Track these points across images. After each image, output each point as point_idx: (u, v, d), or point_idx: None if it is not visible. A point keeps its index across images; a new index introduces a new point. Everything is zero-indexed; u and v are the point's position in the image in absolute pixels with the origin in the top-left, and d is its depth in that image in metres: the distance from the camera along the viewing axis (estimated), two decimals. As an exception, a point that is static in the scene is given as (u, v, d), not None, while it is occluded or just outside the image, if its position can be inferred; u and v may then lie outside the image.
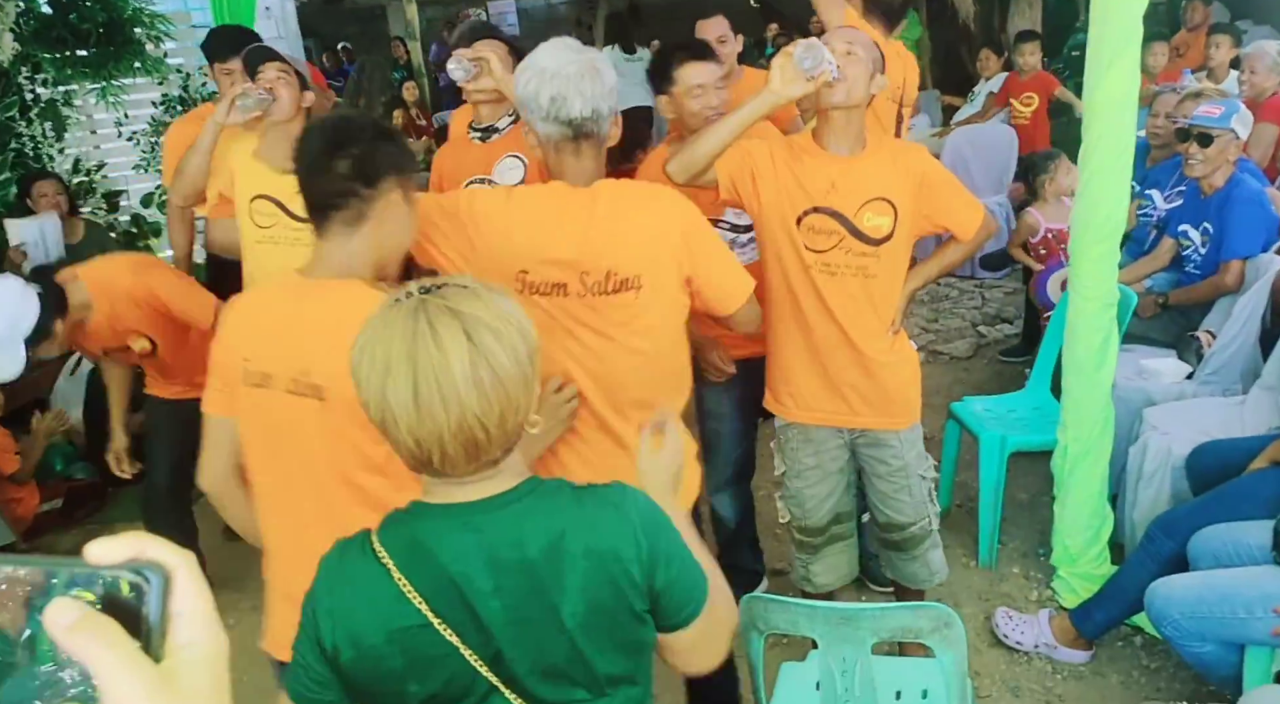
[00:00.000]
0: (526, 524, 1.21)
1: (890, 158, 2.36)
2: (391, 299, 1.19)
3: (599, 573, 1.21)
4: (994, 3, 8.76)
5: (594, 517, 1.23)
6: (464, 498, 1.22)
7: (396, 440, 1.17)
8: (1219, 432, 2.99)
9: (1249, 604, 2.15)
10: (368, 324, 1.18)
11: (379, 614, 1.19)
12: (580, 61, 1.90)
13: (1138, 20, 2.58)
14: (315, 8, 12.32)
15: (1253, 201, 3.51)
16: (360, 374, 1.17)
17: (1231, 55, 5.69)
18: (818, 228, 2.32)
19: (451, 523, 1.21)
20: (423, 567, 1.19)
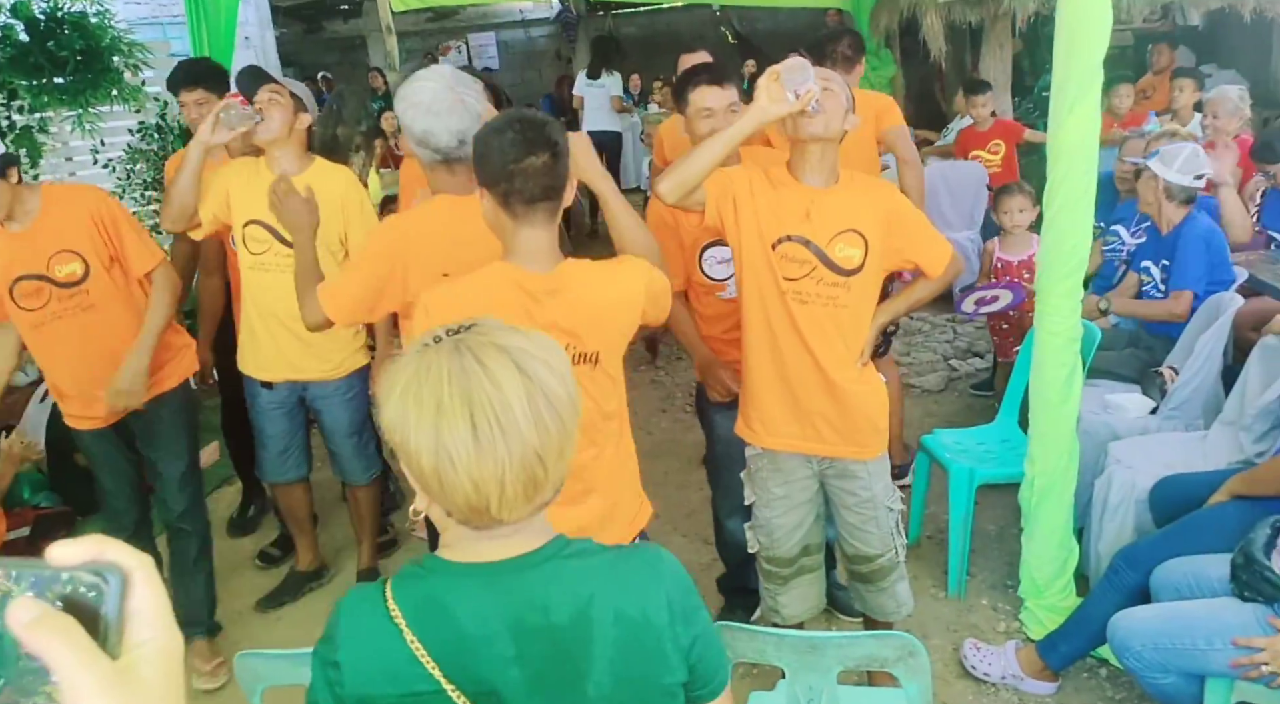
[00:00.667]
0: (554, 587, 1.15)
1: (862, 192, 2.42)
2: (420, 344, 1.14)
3: (631, 642, 1.15)
4: (965, 43, 8.94)
5: (626, 579, 1.18)
6: (488, 557, 1.15)
7: (452, 487, 1.09)
8: (1182, 466, 3.05)
9: (1209, 636, 2.19)
10: (399, 371, 1.12)
11: (391, 676, 1.13)
12: (449, 98, 2.21)
13: (1098, 65, 2.65)
14: (295, 37, 12.41)
15: (1200, 238, 3.61)
16: (407, 420, 1.09)
17: (1195, 98, 5.84)
18: (791, 256, 2.37)
19: (473, 582, 1.15)
20: (438, 627, 1.13)
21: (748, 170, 2.46)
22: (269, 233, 3.09)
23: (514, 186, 1.86)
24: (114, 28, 4.24)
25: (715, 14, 12.50)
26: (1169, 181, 3.71)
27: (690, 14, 13.12)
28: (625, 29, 13.59)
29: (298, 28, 12.72)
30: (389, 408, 1.11)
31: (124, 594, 0.56)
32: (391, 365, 1.14)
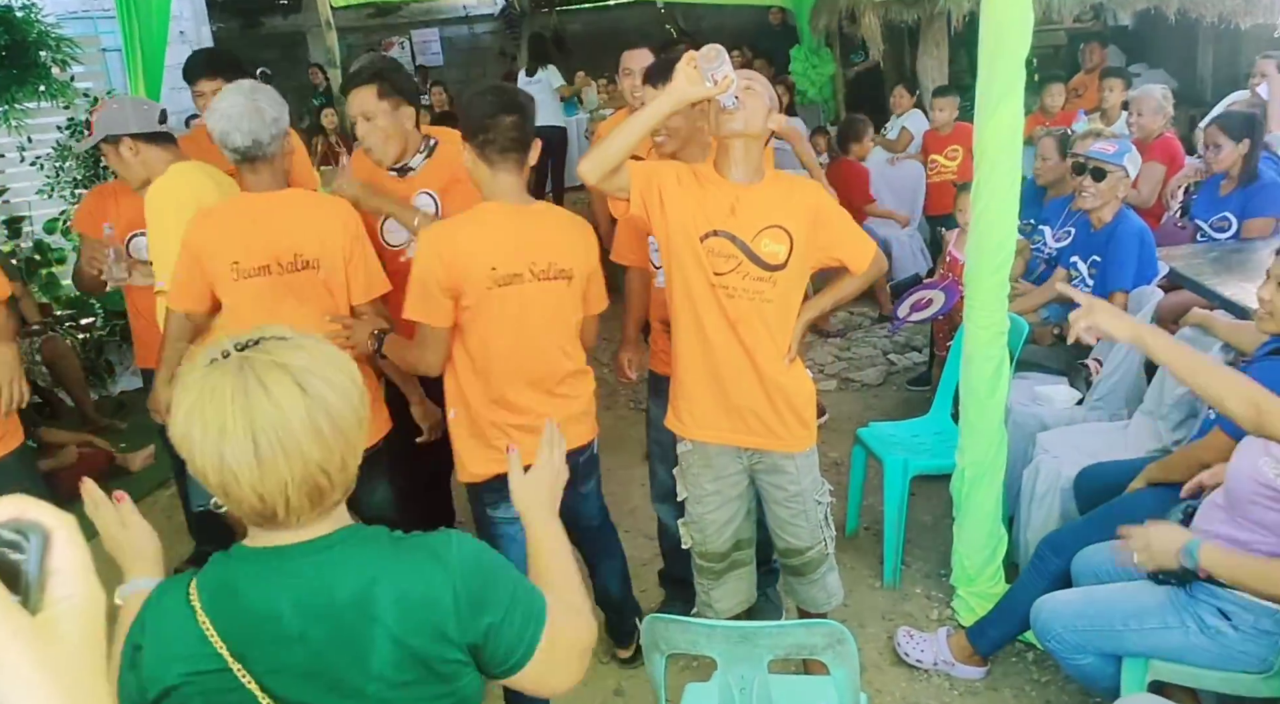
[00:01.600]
0: (338, 570, 1.21)
1: (787, 190, 2.46)
2: (207, 360, 1.17)
3: (412, 621, 1.21)
4: (904, 42, 9.07)
5: (409, 565, 1.23)
6: (280, 542, 1.22)
7: (239, 498, 1.16)
8: (1105, 454, 3.14)
9: (1125, 617, 2.27)
10: (186, 388, 1.16)
11: (184, 655, 1.18)
12: (245, 104, 2.57)
13: (1021, 66, 2.72)
14: (232, 33, 12.20)
15: (1134, 237, 3.71)
16: (192, 438, 1.14)
17: (1123, 98, 6.00)
18: (717, 251, 2.41)
19: (263, 566, 1.21)
20: (229, 609, 1.19)
21: (675, 165, 2.50)
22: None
23: (489, 137, 2.39)
24: (41, 22, 4.15)
25: (660, 10, 12.55)
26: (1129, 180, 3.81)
27: (635, 10, 13.16)
28: (570, 25, 13.58)
29: (235, 23, 12.51)
30: (176, 426, 1.16)
31: (45, 552, 0.58)
32: (179, 381, 1.18)
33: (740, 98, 2.30)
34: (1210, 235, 4.34)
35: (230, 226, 2.63)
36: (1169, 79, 8.58)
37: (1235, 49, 8.43)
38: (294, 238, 2.63)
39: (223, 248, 2.61)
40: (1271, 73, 5.31)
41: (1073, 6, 6.86)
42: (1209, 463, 2.48)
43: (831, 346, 5.80)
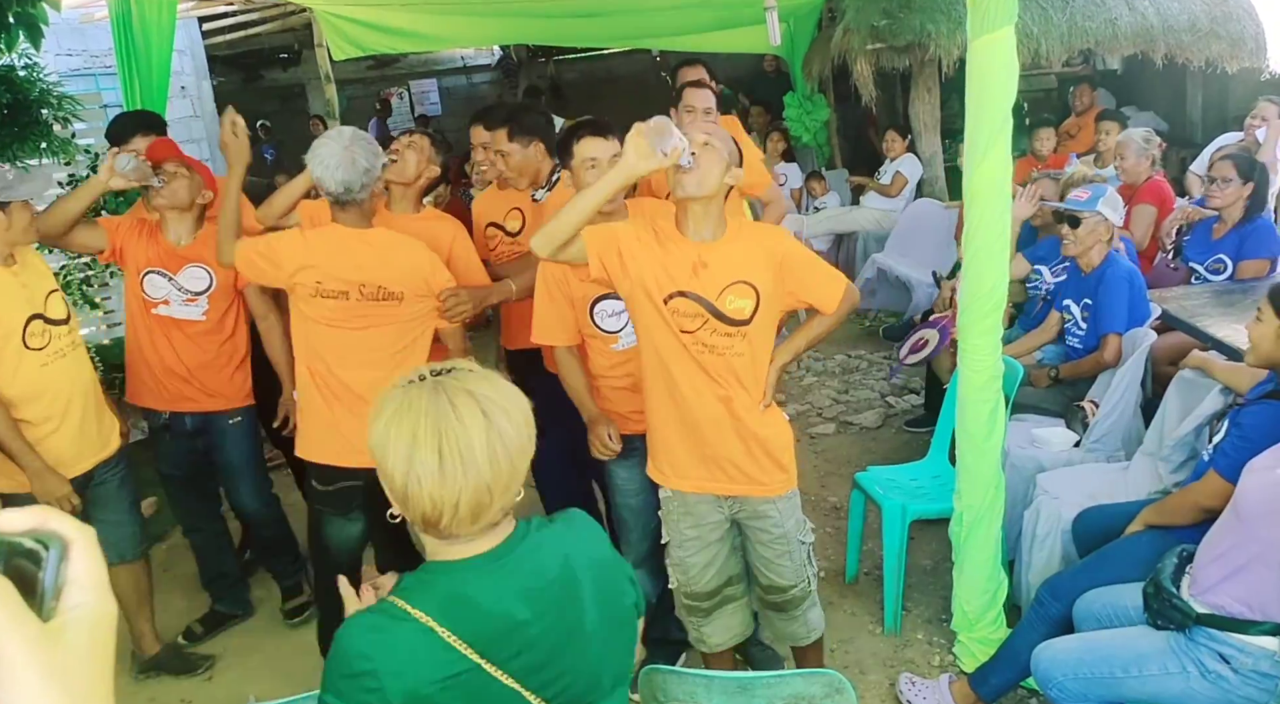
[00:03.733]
0: (540, 555, 1.42)
1: (751, 241, 2.47)
2: (405, 382, 1.35)
3: (603, 579, 1.46)
4: (896, 87, 9.19)
5: (581, 535, 1.50)
6: (481, 549, 1.39)
7: (416, 502, 1.32)
8: (1105, 496, 3.14)
9: (1125, 664, 2.25)
10: (388, 403, 1.34)
11: (430, 666, 1.31)
12: (341, 154, 2.81)
13: (1006, 114, 2.76)
14: (234, 86, 12.37)
15: (1124, 280, 3.74)
16: (387, 444, 1.31)
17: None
18: (683, 311, 2.42)
19: (481, 570, 1.38)
20: (465, 615, 1.35)
21: (634, 225, 2.50)
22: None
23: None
24: (43, 80, 4.20)
25: (655, 58, 12.72)
26: (1111, 220, 3.85)
27: (631, 58, 13.33)
28: (567, 74, 13.78)
29: (236, 76, 12.69)
30: (375, 432, 1.34)
31: (62, 562, 0.60)
32: (381, 395, 1.37)
33: (696, 156, 2.30)
34: (1205, 277, 4.36)
35: (318, 251, 2.91)
36: (1158, 121, 8.68)
37: (1224, 92, 8.54)
38: (379, 273, 2.92)
39: (309, 264, 2.90)
40: (1272, 117, 5.36)
41: (1062, 51, 6.95)
42: (1205, 505, 2.48)
43: (830, 389, 5.80)
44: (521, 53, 13.48)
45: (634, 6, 5.81)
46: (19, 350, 2.90)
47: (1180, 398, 3.35)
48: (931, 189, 7.73)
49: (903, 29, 6.83)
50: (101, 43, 5.44)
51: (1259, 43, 6.99)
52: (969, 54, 2.80)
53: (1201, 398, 3.19)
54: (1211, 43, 6.94)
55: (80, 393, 3.09)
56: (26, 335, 2.92)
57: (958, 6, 5.25)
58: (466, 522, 1.34)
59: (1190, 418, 3.18)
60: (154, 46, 4.37)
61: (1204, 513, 2.48)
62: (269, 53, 12.16)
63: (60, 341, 3.03)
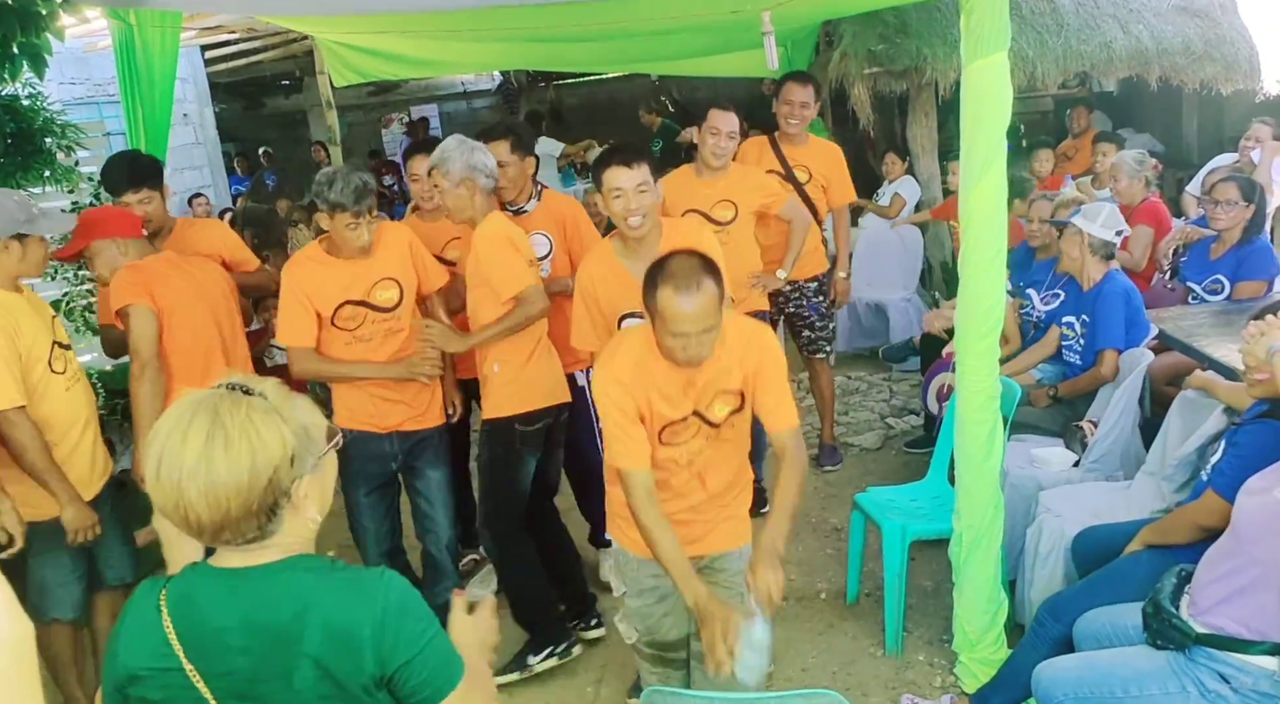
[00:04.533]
0: (279, 594, 1.38)
1: (737, 350, 2.44)
2: (211, 386, 1.40)
3: (333, 646, 1.36)
4: (894, 110, 9.25)
5: (341, 596, 1.39)
6: (237, 564, 1.41)
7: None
8: (1107, 514, 3.14)
9: (1125, 683, 2.25)
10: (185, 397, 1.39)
11: (146, 649, 1.38)
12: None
13: (1001, 137, 2.80)
14: (235, 113, 12.48)
15: (1119, 296, 3.76)
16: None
17: None
18: (676, 431, 2.47)
19: (221, 583, 1.40)
20: (189, 617, 1.38)
21: (619, 396, 2.40)
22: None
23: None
24: (47, 109, 4.25)
25: (655, 83, 12.80)
26: (1093, 236, 3.88)
27: (631, 83, 13.42)
28: (567, 99, 13.86)
29: (238, 104, 12.79)
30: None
31: None
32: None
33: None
34: (1203, 298, 4.38)
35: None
36: (1154, 143, 8.73)
37: (1219, 113, 8.59)
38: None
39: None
40: (1265, 138, 5.39)
41: (1057, 74, 7.00)
42: (1204, 524, 2.49)
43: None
44: (522, 78, 13.57)
45: (633, 31, 5.85)
46: (46, 374, 2.95)
47: (1183, 417, 3.36)
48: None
49: (899, 53, 6.88)
50: (105, 71, 5.49)
51: (1253, 65, 7.04)
52: (964, 78, 2.84)
53: (1204, 418, 3.19)
54: (1206, 65, 6.99)
55: (93, 416, 3.16)
56: (52, 359, 2.97)
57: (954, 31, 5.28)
58: (193, 532, 1.36)
59: (1194, 437, 3.19)
60: (157, 75, 4.42)
61: (1202, 532, 2.48)
62: (271, 80, 12.27)
63: (74, 366, 3.10)
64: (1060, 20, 6.86)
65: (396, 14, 4.68)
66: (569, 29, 5.40)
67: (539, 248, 3.67)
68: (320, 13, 4.81)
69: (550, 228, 3.73)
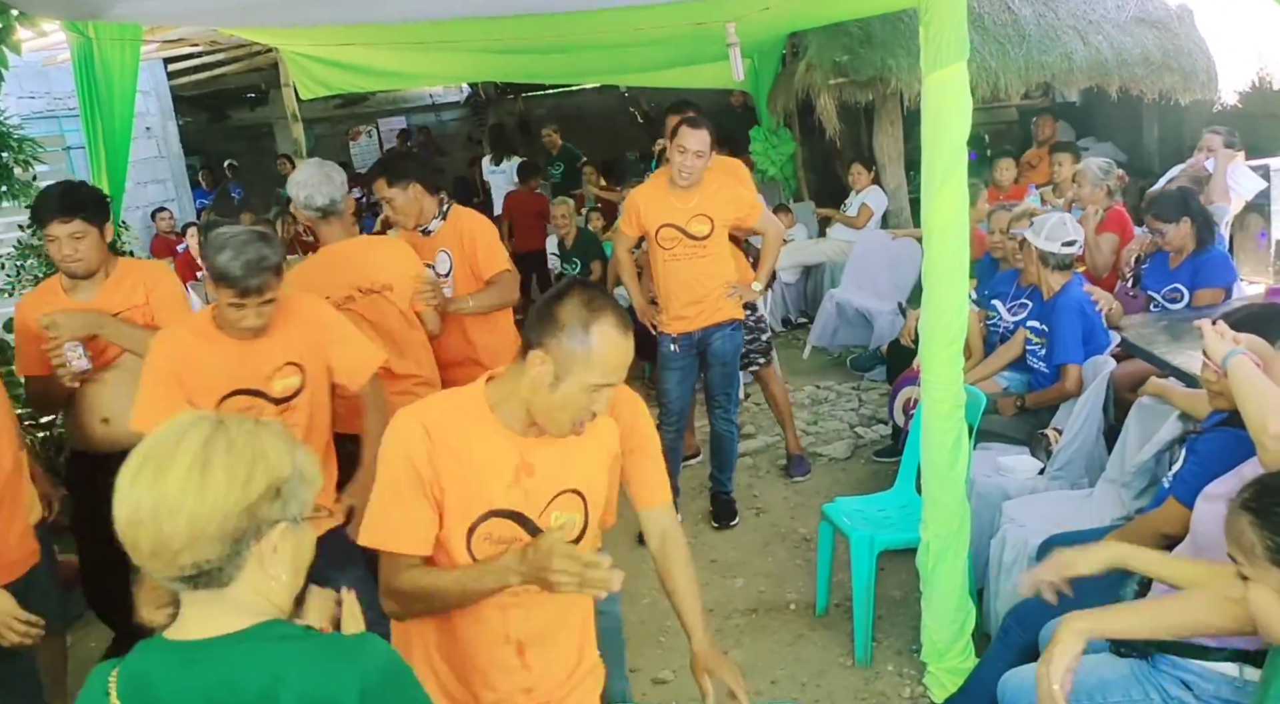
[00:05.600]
0: (246, 666, 1.24)
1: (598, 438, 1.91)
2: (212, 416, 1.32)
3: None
4: (860, 120, 9.33)
5: (318, 665, 1.25)
6: (195, 635, 1.27)
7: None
8: (1070, 522, 3.16)
9: (1089, 691, 2.25)
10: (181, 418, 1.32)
11: None
12: (318, 173, 3.40)
13: (963, 145, 2.82)
14: (200, 126, 12.37)
15: (1073, 310, 3.80)
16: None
17: (1073, 171, 6.18)
18: (494, 536, 1.82)
19: (176, 658, 1.26)
20: (141, 700, 1.24)
21: (418, 450, 1.77)
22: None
23: None
24: (4, 124, 4.19)
25: (624, 95, 12.84)
26: (1040, 248, 3.92)
27: (600, 94, 13.46)
28: (536, 110, 13.86)
29: (202, 116, 12.69)
30: None
31: None
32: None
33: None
34: (1163, 306, 4.43)
35: (316, 274, 3.38)
36: (1116, 152, 8.85)
37: (1179, 122, 8.72)
38: (370, 270, 3.38)
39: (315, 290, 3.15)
40: (1217, 147, 5.47)
41: (1020, 84, 7.09)
42: (1165, 532, 2.50)
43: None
44: (490, 90, 13.57)
45: (601, 43, 5.88)
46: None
47: (1140, 424, 3.40)
48: (897, 220, 7.84)
49: (864, 64, 6.95)
50: (64, 84, 5.43)
51: (1210, 75, 7.16)
52: (924, 89, 2.86)
53: (1160, 424, 3.23)
54: (1165, 75, 7.11)
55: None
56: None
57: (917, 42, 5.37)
58: (145, 556, 1.24)
59: (1150, 444, 3.22)
60: (117, 88, 4.37)
61: (1164, 539, 2.50)
62: (235, 92, 12.18)
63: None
64: (1022, 32, 6.95)
65: (361, 25, 4.66)
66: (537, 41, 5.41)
67: (440, 266, 3.73)
68: (282, 24, 4.78)
69: (452, 245, 3.75)
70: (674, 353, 4.38)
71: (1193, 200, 4.43)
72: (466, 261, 3.73)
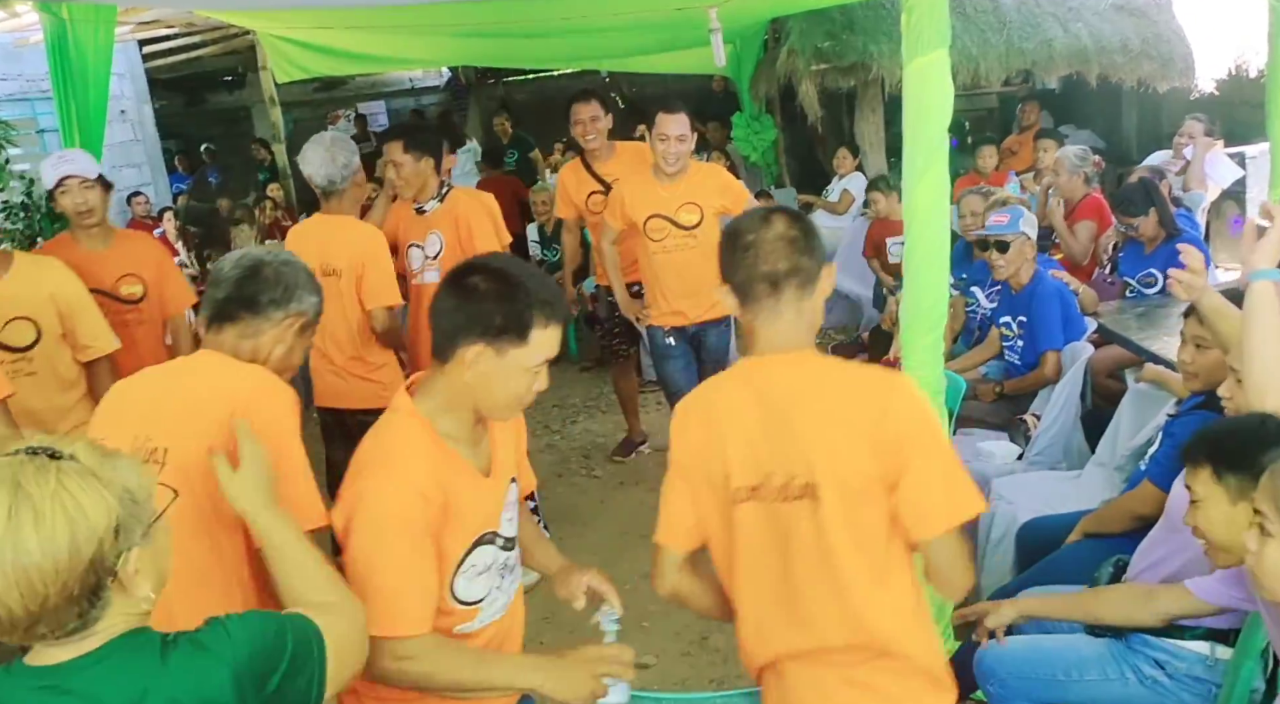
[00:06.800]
0: (108, 686, 1.19)
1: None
2: (14, 449, 1.20)
3: None
4: (842, 107, 9.33)
5: (179, 669, 1.22)
6: (53, 659, 1.21)
7: None
8: (1058, 503, 3.18)
9: (1066, 667, 2.30)
10: None
11: None
12: (324, 154, 3.49)
13: (943, 133, 2.82)
14: (176, 110, 12.24)
15: (1053, 297, 3.82)
16: None
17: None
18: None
19: (35, 684, 1.20)
20: None
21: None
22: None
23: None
24: (-23, 105, 4.13)
25: (604, 79, 12.78)
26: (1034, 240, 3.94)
27: (580, 79, 13.32)
28: (517, 95, 13.78)
29: (178, 99, 12.55)
30: None
31: None
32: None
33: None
34: (1140, 291, 4.47)
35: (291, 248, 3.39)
36: (1095, 139, 8.90)
37: (1157, 110, 8.78)
38: (325, 253, 3.39)
39: None
40: (1198, 134, 5.51)
41: (1001, 72, 7.11)
42: (1139, 513, 2.54)
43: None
44: (470, 74, 13.48)
45: (581, 28, 5.84)
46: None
47: (1134, 410, 3.43)
48: (877, 207, 7.84)
49: (846, 50, 6.95)
50: (37, 67, 5.35)
51: (1188, 63, 7.22)
52: (905, 76, 2.85)
53: (1156, 410, 3.25)
54: (1143, 63, 7.16)
55: None
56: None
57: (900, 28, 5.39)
58: (4, 631, 1.17)
59: (1146, 429, 3.24)
60: (91, 70, 4.32)
61: (1137, 520, 2.53)
62: (212, 76, 12.06)
63: None
64: (1002, 19, 6.97)
65: (338, 9, 4.62)
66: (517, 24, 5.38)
67: (430, 247, 3.76)
68: (258, 7, 4.73)
69: (445, 227, 3.75)
70: (670, 345, 4.32)
71: (1155, 191, 4.45)
72: (460, 244, 3.71)
